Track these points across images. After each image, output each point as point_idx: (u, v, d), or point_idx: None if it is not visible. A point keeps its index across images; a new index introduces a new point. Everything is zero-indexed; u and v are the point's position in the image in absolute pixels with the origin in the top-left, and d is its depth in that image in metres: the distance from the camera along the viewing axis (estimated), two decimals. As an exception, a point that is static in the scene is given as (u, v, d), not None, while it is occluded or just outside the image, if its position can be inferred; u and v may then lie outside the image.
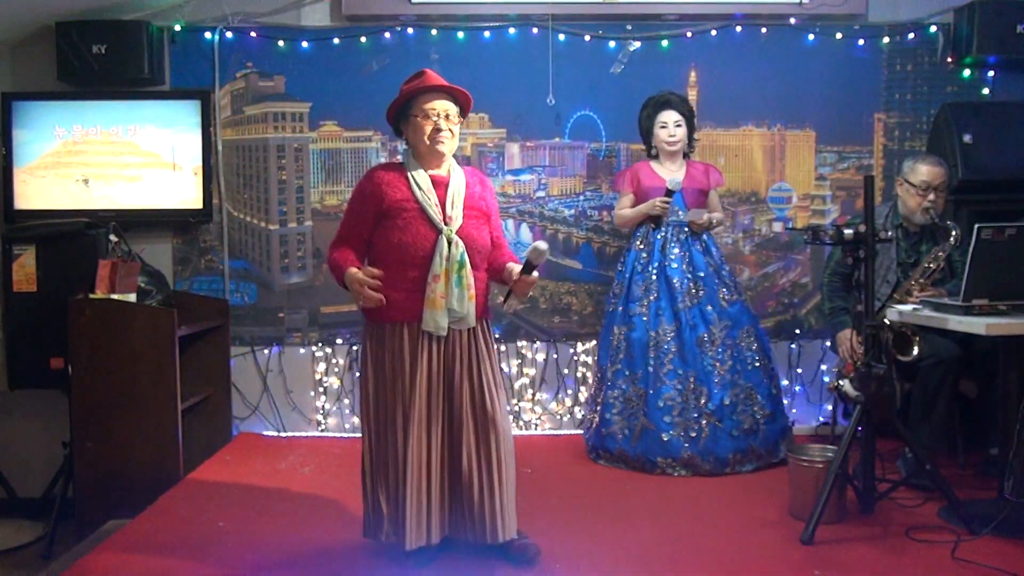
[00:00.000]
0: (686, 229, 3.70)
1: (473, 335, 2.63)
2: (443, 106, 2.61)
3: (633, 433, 3.54)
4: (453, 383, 2.59)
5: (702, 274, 3.64)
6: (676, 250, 3.67)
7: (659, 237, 3.69)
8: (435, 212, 2.57)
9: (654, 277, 3.65)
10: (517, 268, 2.64)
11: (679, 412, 3.50)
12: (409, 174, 2.62)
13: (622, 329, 3.67)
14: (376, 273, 2.53)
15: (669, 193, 3.63)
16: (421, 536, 2.56)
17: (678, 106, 3.75)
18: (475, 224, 2.63)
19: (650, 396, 3.53)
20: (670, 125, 3.72)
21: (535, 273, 2.59)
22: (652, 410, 3.51)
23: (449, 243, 2.55)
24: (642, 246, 3.72)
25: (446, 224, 2.57)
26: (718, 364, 3.53)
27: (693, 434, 3.47)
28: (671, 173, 3.72)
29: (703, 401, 3.49)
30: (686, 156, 3.84)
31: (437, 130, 2.59)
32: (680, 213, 3.71)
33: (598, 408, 3.71)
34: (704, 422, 3.47)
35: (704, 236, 3.73)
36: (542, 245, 2.51)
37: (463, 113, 2.69)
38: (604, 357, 3.76)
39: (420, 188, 2.59)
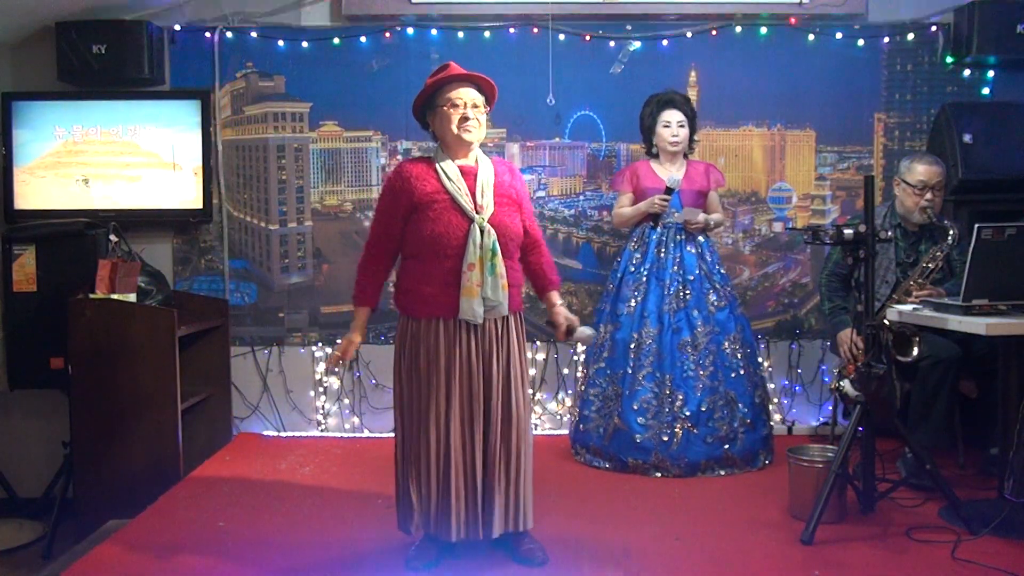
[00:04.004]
0: (682, 231, 3.69)
1: (506, 328, 2.63)
2: (469, 95, 2.62)
3: (607, 432, 3.56)
4: (491, 376, 2.59)
5: (691, 278, 3.62)
6: (669, 252, 3.65)
7: (655, 238, 3.68)
8: (466, 201, 2.57)
9: (644, 278, 3.64)
10: (559, 309, 2.75)
11: (653, 415, 3.49)
12: (438, 165, 2.62)
13: (608, 328, 3.67)
14: (346, 358, 2.70)
15: (668, 191, 3.61)
16: (462, 529, 2.57)
17: (681, 106, 3.72)
18: (507, 212, 2.64)
19: (626, 397, 3.52)
20: (673, 125, 3.70)
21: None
22: (627, 411, 3.50)
23: (482, 231, 2.55)
24: (637, 246, 3.72)
25: (478, 213, 2.57)
26: (699, 370, 3.52)
27: (665, 438, 3.46)
28: (670, 173, 3.70)
29: (679, 405, 3.48)
30: (686, 156, 3.83)
31: (464, 119, 2.60)
32: (675, 214, 3.69)
33: (580, 404, 3.74)
34: (678, 427, 3.46)
35: (701, 239, 3.71)
36: (591, 333, 2.79)
37: (489, 103, 2.70)
38: (589, 354, 3.77)
39: (450, 178, 2.59)
